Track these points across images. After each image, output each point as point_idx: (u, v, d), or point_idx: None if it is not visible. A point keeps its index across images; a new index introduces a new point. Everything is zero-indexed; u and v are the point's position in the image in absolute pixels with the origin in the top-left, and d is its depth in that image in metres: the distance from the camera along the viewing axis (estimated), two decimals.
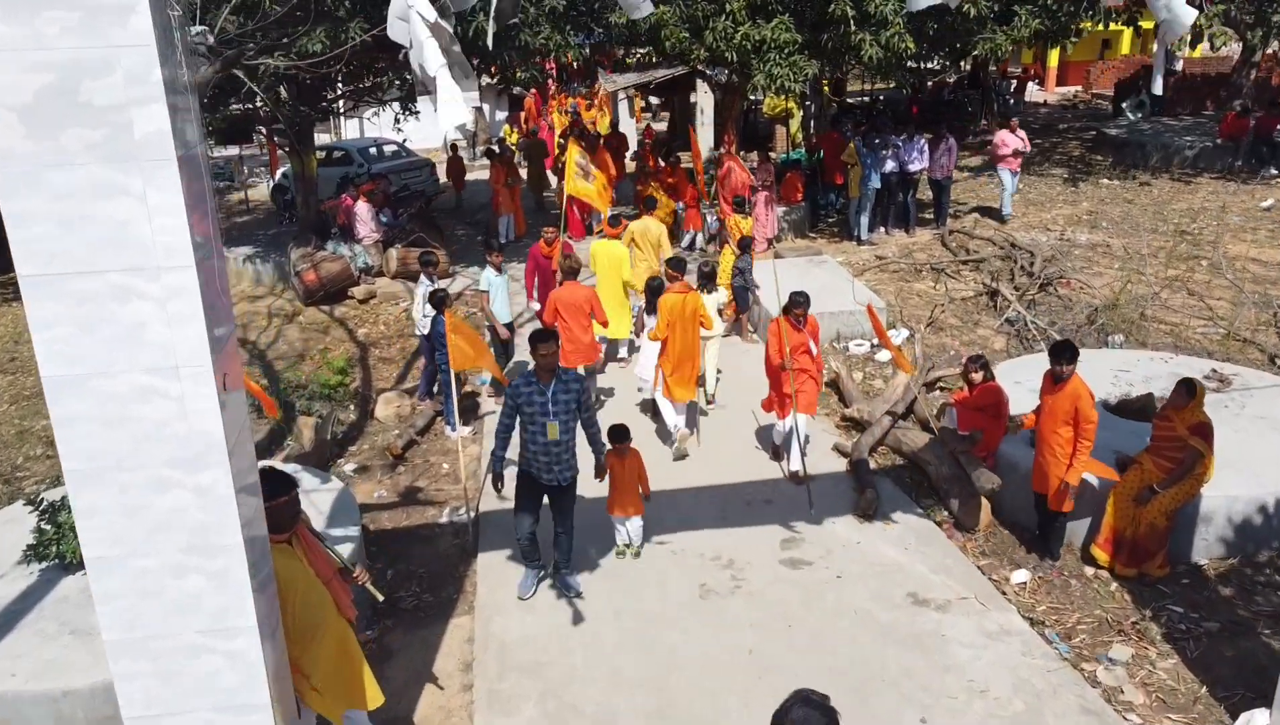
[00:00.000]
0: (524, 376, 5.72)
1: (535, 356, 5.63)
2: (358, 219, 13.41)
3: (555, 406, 5.62)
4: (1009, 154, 14.14)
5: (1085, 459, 5.91)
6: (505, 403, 5.73)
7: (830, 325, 10.21)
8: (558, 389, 5.64)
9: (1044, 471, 6.12)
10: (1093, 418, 5.86)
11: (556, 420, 5.62)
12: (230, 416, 3.07)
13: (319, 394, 9.36)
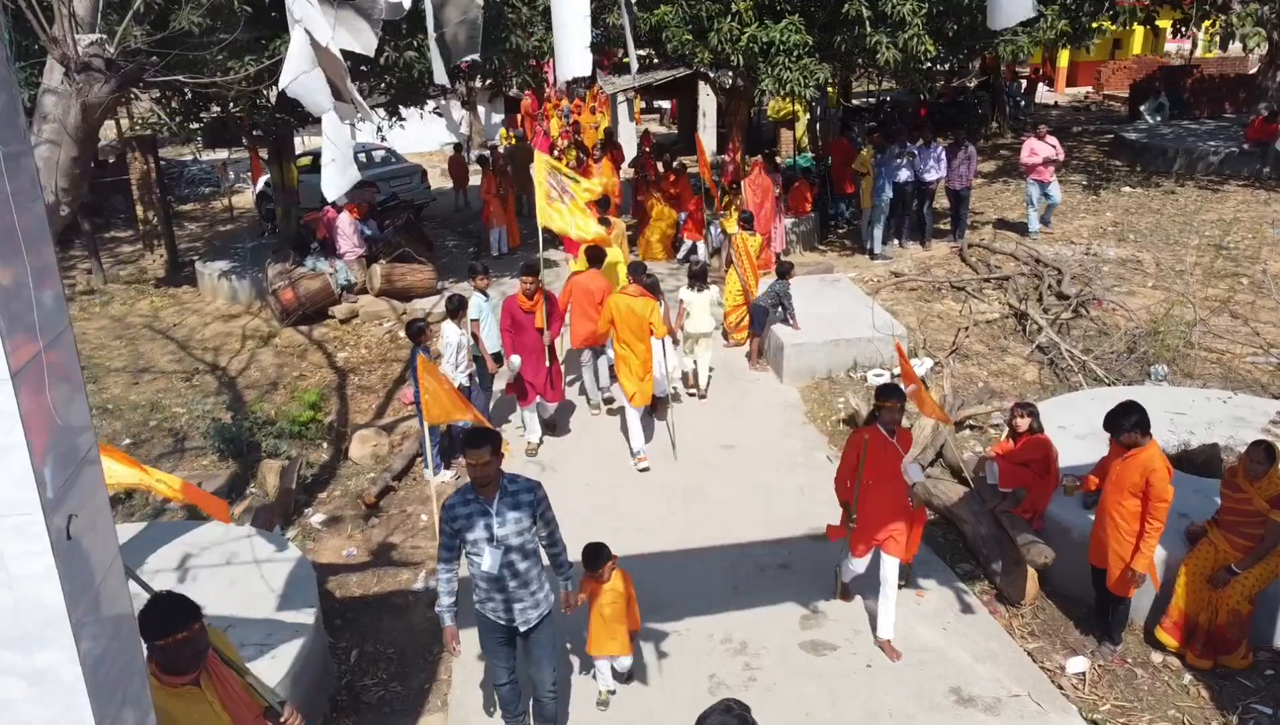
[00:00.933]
0: (460, 494, 4.35)
1: (468, 467, 4.23)
2: (339, 232, 12.59)
3: (502, 528, 4.26)
4: (1038, 163, 13.29)
5: (1154, 543, 5.07)
6: (441, 529, 4.38)
7: (847, 353, 9.40)
8: (504, 506, 4.27)
9: (1104, 545, 5.29)
10: (1167, 496, 4.96)
11: (501, 549, 4.27)
12: (77, 572, 2.25)
13: (288, 432, 8.54)
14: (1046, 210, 13.77)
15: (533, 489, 4.37)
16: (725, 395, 9.23)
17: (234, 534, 6.11)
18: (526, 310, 7.88)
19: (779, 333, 9.54)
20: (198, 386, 10.30)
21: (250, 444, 8.30)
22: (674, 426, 8.18)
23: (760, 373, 9.68)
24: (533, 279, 7.77)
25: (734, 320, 10.31)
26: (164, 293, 13.84)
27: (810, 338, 9.36)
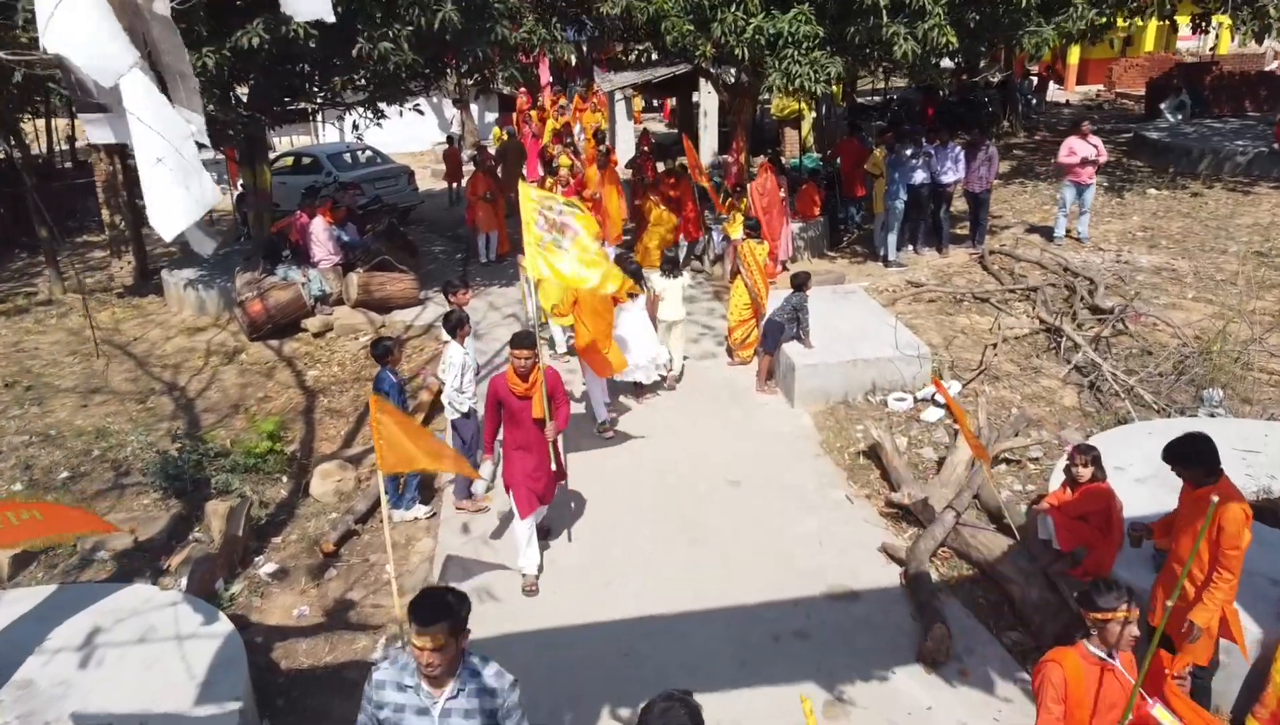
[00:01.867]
0: (393, 666, 3.14)
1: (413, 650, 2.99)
2: (313, 239, 11.69)
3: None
4: (1075, 163, 12.37)
5: (1221, 596, 4.22)
6: (362, 705, 3.17)
7: (865, 374, 8.50)
8: (455, 710, 3.05)
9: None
10: (1240, 542, 4.13)
11: None
12: None
13: (242, 465, 7.64)
14: (1079, 216, 12.84)
15: (502, 691, 3.09)
16: (730, 421, 8.34)
17: (158, 601, 5.22)
18: (521, 394, 5.86)
19: (789, 351, 8.64)
20: (152, 409, 9.40)
21: (197, 480, 7.40)
22: None
23: (768, 396, 8.78)
24: (528, 353, 5.79)
25: (740, 336, 9.41)
26: (128, 303, 12.95)
27: (824, 357, 8.47)
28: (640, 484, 7.27)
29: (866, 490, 7.12)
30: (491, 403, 6.00)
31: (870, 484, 7.19)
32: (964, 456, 6.86)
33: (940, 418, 8.01)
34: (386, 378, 6.91)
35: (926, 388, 8.45)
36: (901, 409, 8.24)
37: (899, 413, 8.22)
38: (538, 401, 5.90)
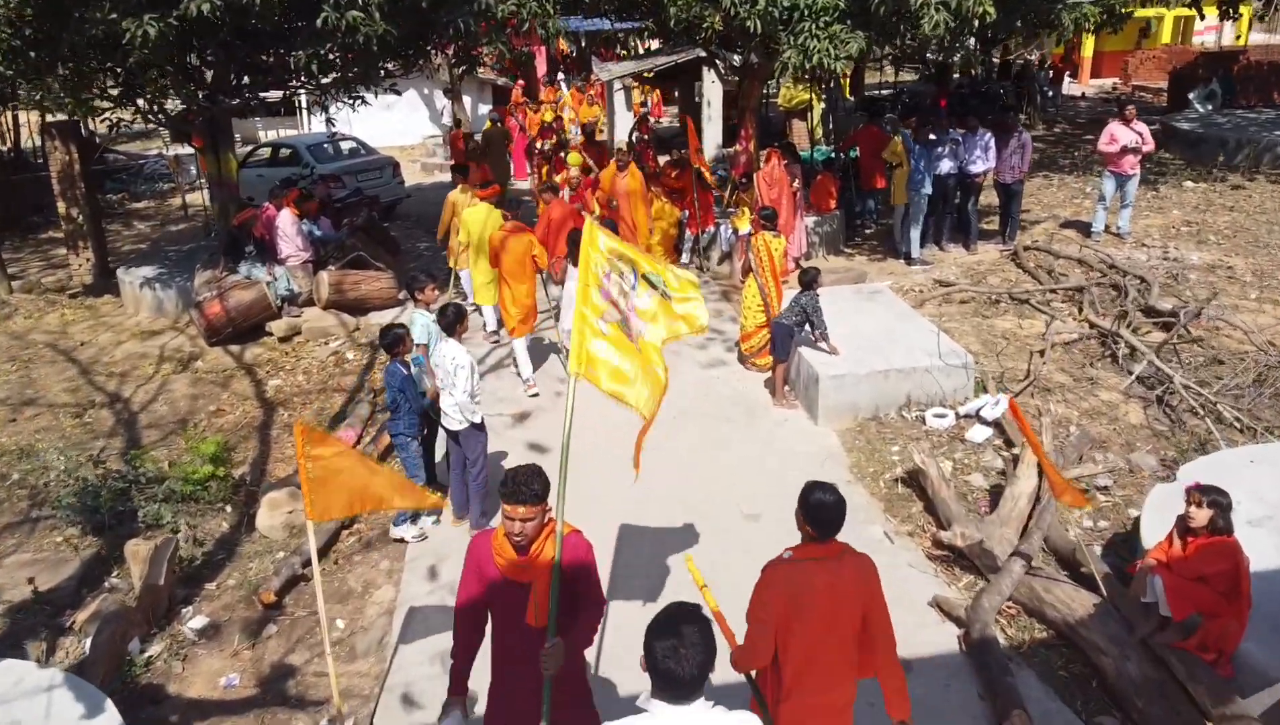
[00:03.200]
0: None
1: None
2: (279, 233, 10.59)
3: None
4: (1116, 152, 11.27)
5: None
6: None
7: (898, 386, 7.42)
8: None
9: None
10: None
11: None
12: None
13: (178, 493, 6.56)
14: (1121, 210, 11.74)
15: None
16: (745, 440, 7.25)
17: (30, 683, 4.14)
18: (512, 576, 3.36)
19: (811, 360, 7.56)
20: (89, 424, 8.32)
21: (121, 513, 6.32)
22: None
23: (788, 410, 7.70)
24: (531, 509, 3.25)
25: (756, 343, 8.34)
26: (81, 304, 11.86)
27: (852, 367, 7.39)
28: (643, 518, 6.18)
29: (908, 526, 6.03)
30: (471, 575, 3.47)
31: (912, 518, 6.11)
32: (1026, 488, 5.77)
33: (988, 438, 6.93)
34: (398, 372, 5.94)
35: (970, 402, 7.37)
36: (942, 427, 7.16)
37: (939, 431, 7.14)
38: (537, 595, 3.32)
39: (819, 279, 7.52)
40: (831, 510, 3.35)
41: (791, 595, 3.24)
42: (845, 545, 3.43)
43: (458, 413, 5.92)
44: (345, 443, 4.27)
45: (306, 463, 3.81)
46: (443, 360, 5.89)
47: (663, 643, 2.43)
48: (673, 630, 2.45)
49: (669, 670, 2.40)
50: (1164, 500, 5.16)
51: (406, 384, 5.87)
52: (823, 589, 3.24)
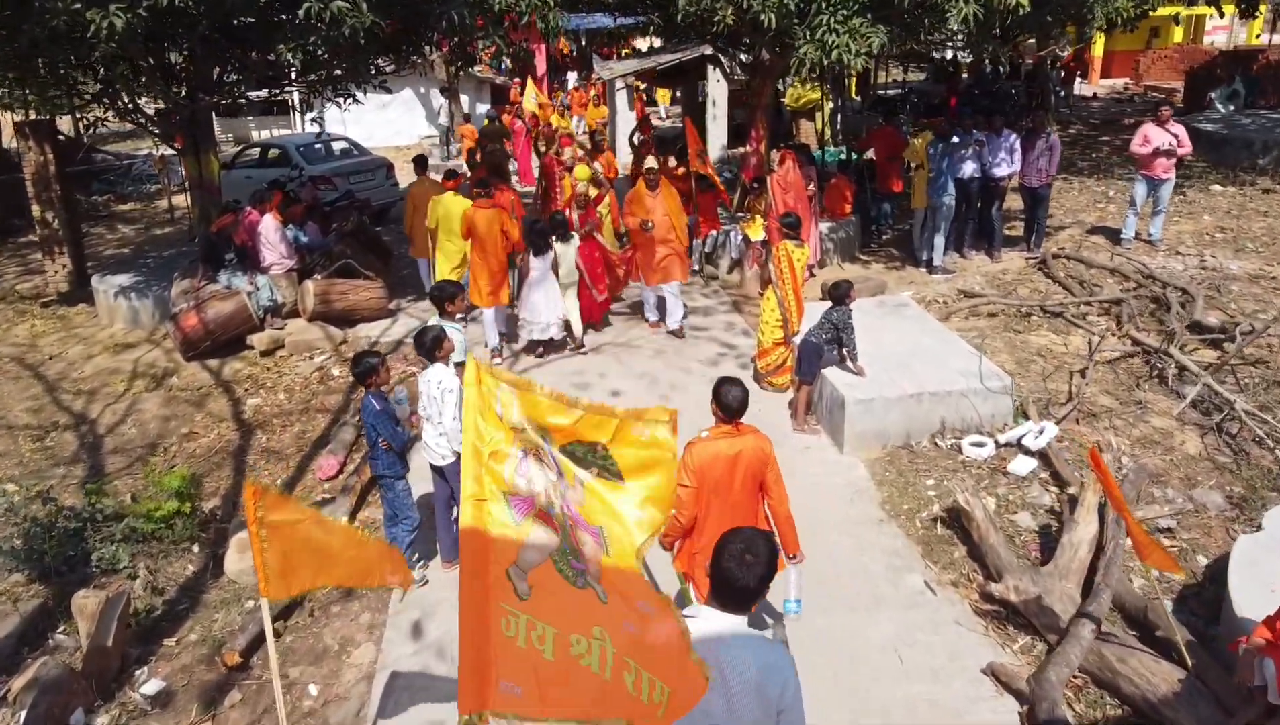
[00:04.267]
0: None
1: None
2: (262, 240, 9.96)
3: None
4: (1148, 154, 10.64)
5: None
6: None
7: (931, 411, 6.78)
8: None
9: None
10: None
11: None
12: None
13: (139, 532, 5.92)
14: (1153, 216, 11.11)
15: None
16: None
17: None
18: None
19: (835, 382, 6.92)
20: (50, 449, 7.69)
21: (72, 558, 5.67)
22: None
23: (809, 436, 7.06)
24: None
25: (773, 361, 7.71)
26: (53, 314, 11.22)
27: (881, 390, 6.75)
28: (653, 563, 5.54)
29: (951, 574, 5.40)
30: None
31: (955, 565, 5.47)
32: (1086, 534, 5.14)
33: (1033, 471, 6.29)
34: (370, 407, 5.23)
35: (1010, 429, 6.74)
36: (980, 457, 6.52)
37: (977, 462, 6.51)
38: None
39: (852, 293, 6.87)
40: (737, 400, 4.23)
41: (707, 466, 4.18)
42: (747, 426, 4.32)
43: (444, 444, 5.29)
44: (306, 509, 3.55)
45: (259, 532, 3.19)
46: (427, 386, 5.25)
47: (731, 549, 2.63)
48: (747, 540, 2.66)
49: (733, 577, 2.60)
50: (1253, 554, 4.53)
51: (380, 420, 5.21)
52: (730, 460, 4.19)
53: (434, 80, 22.66)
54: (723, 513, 4.18)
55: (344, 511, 6.20)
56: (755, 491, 4.29)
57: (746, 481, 4.22)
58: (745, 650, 2.58)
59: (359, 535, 3.55)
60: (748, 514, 4.24)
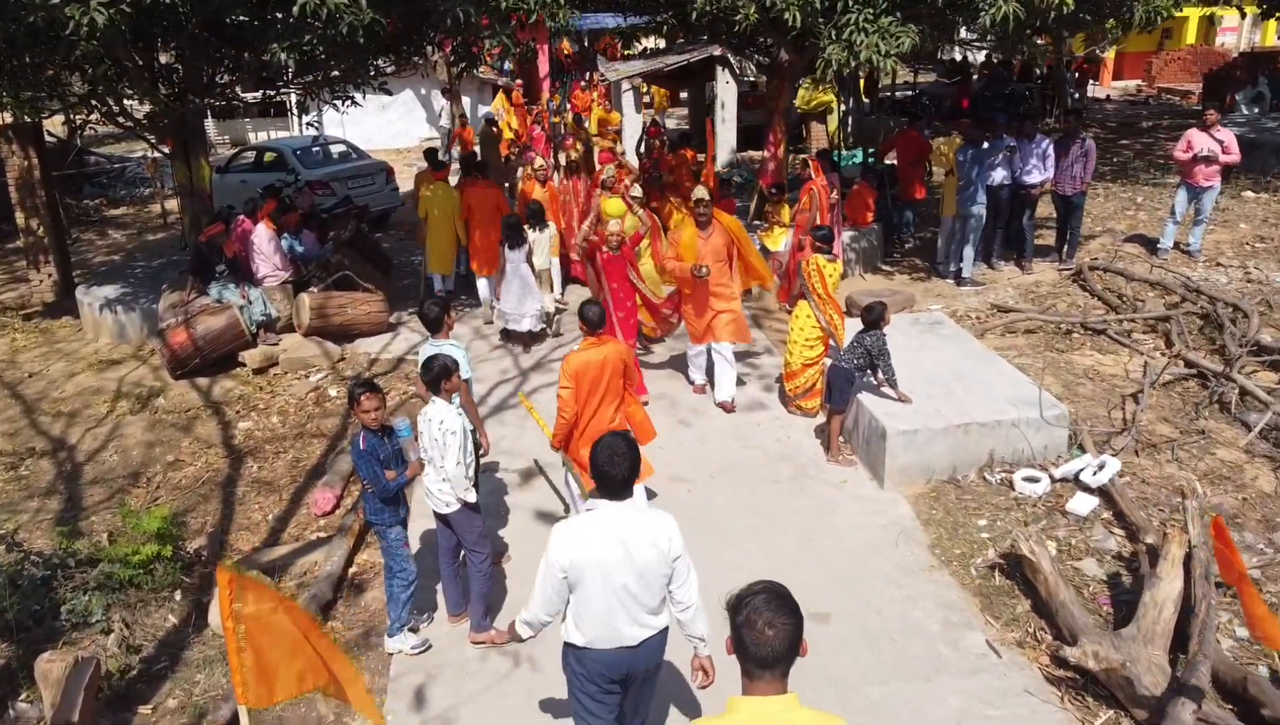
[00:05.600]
0: None
1: None
2: (255, 250, 9.41)
3: None
4: (1189, 161, 10.11)
5: None
6: None
7: (980, 443, 6.25)
8: None
9: None
10: None
11: None
12: None
13: (113, 579, 5.37)
14: (1194, 226, 10.59)
15: None
16: (797, 509, 6.07)
17: None
18: None
19: (873, 409, 6.39)
20: (25, 478, 7.14)
21: (38, 611, 5.13)
22: None
23: (845, 468, 6.52)
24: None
25: (803, 382, 7.17)
26: (36, 327, 10.67)
27: (925, 420, 6.21)
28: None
29: (1015, 632, 4.85)
30: None
31: (1019, 622, 4.93)
32: (1170, 592, 4.59)
33: (1094, 510, 5.76)
34: (355, 444, 4.68)
35: (1065, 462, 6.20)
36: (1035, 494, 5.98)
37: (1031, 499, 5.97)
38: None
39: (887, 316, 6.33)
40: (597, 315, 5.27)
41: (581, 371, 5.13)
42: (607, 336, 5.41)
43: (447, 491, 4.74)
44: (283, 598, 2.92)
45: (236, 628, 2.65)
46: (428, 425, 4.69)
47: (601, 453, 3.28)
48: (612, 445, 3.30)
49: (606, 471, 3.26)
50: None
51: (363, 462, 4.64)
52: (599, 364, 5.15)
53: (435, 81, 22.14)
54: (598, 405, 5.23)
55: (340, 555, 5.66)
56: (620, 385, 5.32)
57: (613, 379, 5.25)
58: (636, 519, 3.32)
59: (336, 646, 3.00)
60: (617, 403, 5.34)
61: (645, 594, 3.32)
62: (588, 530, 3.30)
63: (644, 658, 3.44)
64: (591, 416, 5.20)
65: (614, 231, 7.37)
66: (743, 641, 2.27)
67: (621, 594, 3.29)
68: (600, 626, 3.33)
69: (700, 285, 7.20)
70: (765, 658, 2.24)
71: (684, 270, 7.14)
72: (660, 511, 3.44)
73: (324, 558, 5.69)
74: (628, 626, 3.35)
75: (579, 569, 3.27)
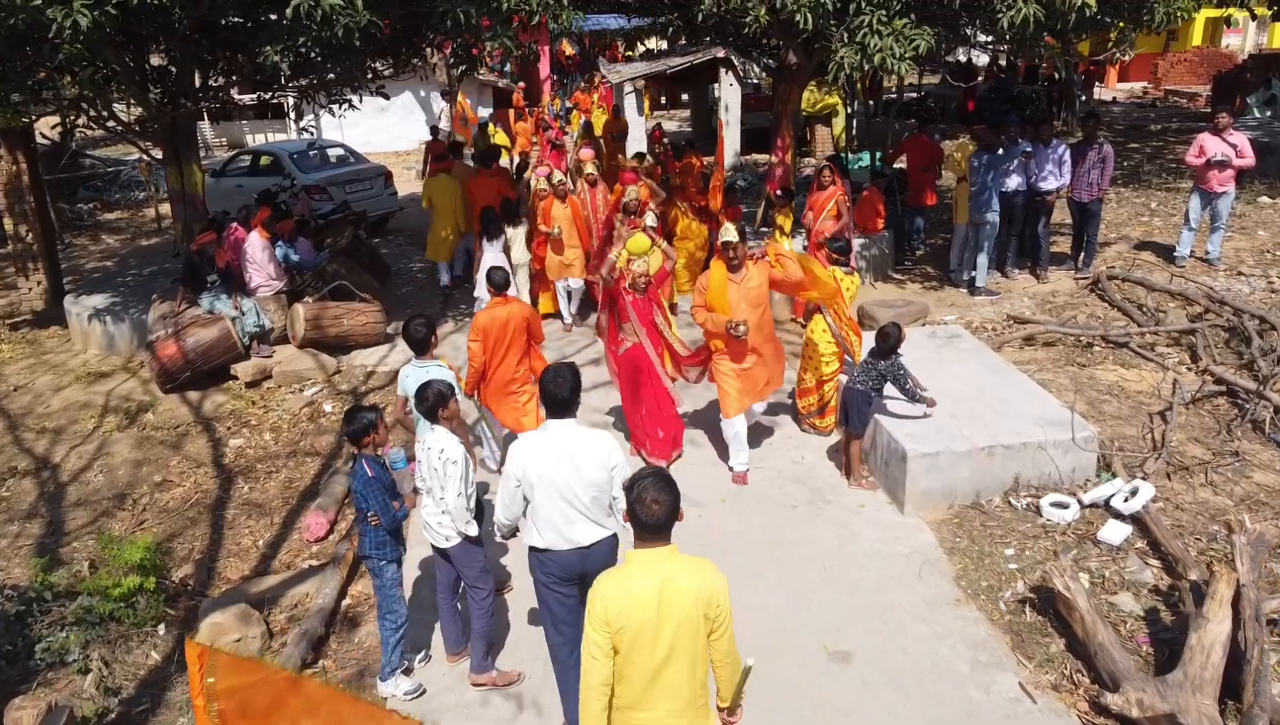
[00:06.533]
0: None
1: None
2: (248, 258, 9.12)
3: None
4: (1202, 165, 9.84)
5: None
6: None
7: (1006, 467, 5.96)
8: None
9: None
10: None
11: None
12: None
13: (92, 614, 5.08)
14: (1211, 233, 10.31)
15: None
16: (814, 537, 5.78)
17: None
18: None
19: (891, 430, 6.10)
20: (5, 500, 6.85)
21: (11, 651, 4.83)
22: None
23: (863, 491, 6.23)
24: None
25: (816, 400, 6.88)
26: (23, 337, 10.39)
27: (947, 442, 5.92)
28: None
29: (1050, 674, 4.56)
30: None
31: (1053, 662, 4.63)
32: (1218, 634, 4.30)
33: (1127, 538, 5.47)
34: (361, 473, 4.38)
35: (1093, 487, 5.91)
36: (1063, 521, 5.69)
37: (1060, 526, 5.68)
38: None
39: (902, 339, 6.02)
40: (503, 277, 6.11)
41: (488, 326, 5.92)
42: (513, 297, 6.20)
43: (447, 524, 4.44)
44: (269, 668, 2.63)
45: (209, 706, 2.36)
46: (427, 455, 4.40)
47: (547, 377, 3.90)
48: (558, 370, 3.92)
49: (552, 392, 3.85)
50: None
51: (372, 490, 4.37)
52: (504, 321, 5.96)
53: (434, 84, 21.85)
54: (503, 356, 6.01)
55: (333, 587, 5.36)
56: (524, 341, 6.06)
57: (516, 334, 5.98)
58: (579, 434, 3.84)
59: (343, 699, 2.71)
60: (521, 355, 6.09)
61: (590, 501, 3.82)
62: (536, 445, 3.85)
63: (596, 558, 3.86)
64: (498, 366, 6.03)
65: (639, 273, 6.45)
66: (635, 513, 2.97)
67: (571, 499, 3.80)
68: (553, 530, 3.84)
69: (738, 344, 6.08)
70: (652, 524, 2.97)
71: (717, 324, 6.01)
72: (601, 430, 3.99)
73: (316, 589, 5.40)
74: (578, 530, 3.83)
75: (530, 479, 3.80)
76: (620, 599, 2.88)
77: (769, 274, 6.12)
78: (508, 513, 3.94)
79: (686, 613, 2.88)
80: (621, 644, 2.89)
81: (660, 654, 2.90)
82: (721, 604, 2.92)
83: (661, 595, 2.88)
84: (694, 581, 2.91)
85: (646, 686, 2.93)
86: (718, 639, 2.96)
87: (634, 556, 2.99)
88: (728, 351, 6.16)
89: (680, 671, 2.93)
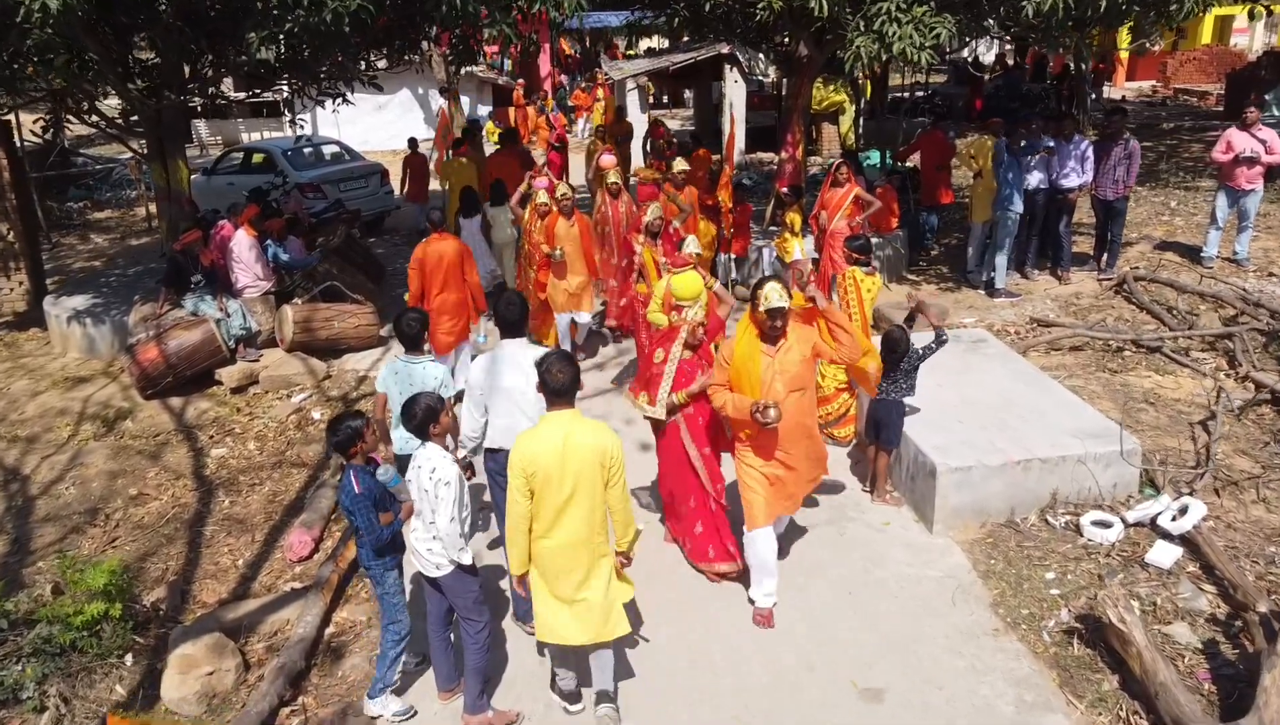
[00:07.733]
0: None
1: None
2: (234, 258, 8.70)
3: None
4: (1229, 162, 9.41)
5: None
6: None
7: (1042, 482, 5.53)
8: None
9: None
10: None
11: None
12: None
13: (51, 645, 4.65)
14: (1239, 232, 9.88)
15: None
16: (837, 561, 5.35)
17: None
18: None
19: (918, 442, 5.67)
20: None
21: None
22: None
23: (889, 509, 5.80)
24: None
25: (836, 409, 6.47)
26: (1, 339, 9.96)
27: (979, 455, 5.50)
28: (709, 689, 4.29)
29: (1104, 714, 4.13)
30: None
31: (1106, 702, 4.20)
32: None
33: (1178, 561, 5.04)
34: (348, 487, 3.98)
35: (1138, 504, 5.49)
36: (1106, 541, 5.26)
37: (1102, 547, 5.25)
38: None
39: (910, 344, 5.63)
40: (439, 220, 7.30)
41: (423, 260, 6.99)
42: (449, 234, 7.29)
43: (437, 551, 4.01)
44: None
45: None
46: (417, 474, 3.98)
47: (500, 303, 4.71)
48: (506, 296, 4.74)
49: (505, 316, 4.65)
50: None
51: (359, 506, 3.95)
52: (438, 255, 7.01)
53: (432, 80, 21.44)
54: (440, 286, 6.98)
55: (316, 613, 4.93)
56: (460, 275, 7.03)
57: (451, 266, 6.97)
58: (525, 351, 4.52)
59: None
60: (458, 285, 7.07)
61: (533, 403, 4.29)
62: (492, 359, 4.59)
63: None
64: (438, 294, 6.99)
65: (695, 322, 5.00)
66: (545, 381, 3.67)
67: (519, 402, 4.46)
68: (504, 431, 4.44)
69: (767, 432, 4.51)
70: (558, 389, 3.67)
71: (741, 409, 4.41)
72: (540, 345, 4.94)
73: (297, 615, 4.97)
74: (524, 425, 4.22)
75: (488, 389, 4.53)
76: (532, 449, 3.63)
77: (815, 344, 4.50)
78: (472, 426, 4.61)
79: (584, 461, 3.63)
80: (535, 486, 3.64)
81: (564, 494, 3.65)
82: (615, 457, 3.67)
83: (565, 446, 3.61)
84: (592, 438, 3.64)
85: (553, 521, 3.70)
86: (612, 487, 3.71)
87: (545, 418, 3.74)
88: (751, 444, 4.61)
89: (581, 509, 3.69)
